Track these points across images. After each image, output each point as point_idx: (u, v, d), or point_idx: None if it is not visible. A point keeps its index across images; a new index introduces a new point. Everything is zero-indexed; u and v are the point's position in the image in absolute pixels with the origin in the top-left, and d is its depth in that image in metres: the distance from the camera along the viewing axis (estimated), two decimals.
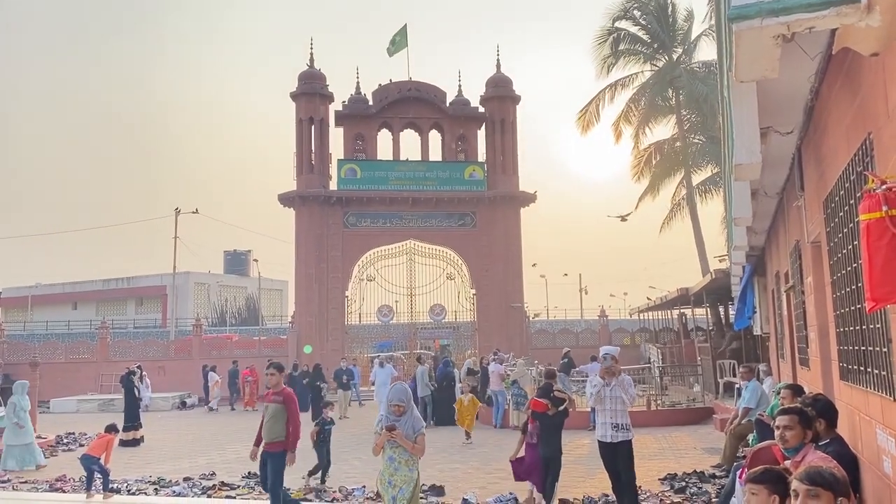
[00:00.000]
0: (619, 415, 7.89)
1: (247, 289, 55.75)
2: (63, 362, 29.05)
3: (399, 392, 6.03)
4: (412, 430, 5.90)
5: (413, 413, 6.01)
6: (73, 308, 54.58)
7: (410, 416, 5.96)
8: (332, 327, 29.49)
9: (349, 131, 31.15)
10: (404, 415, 5.92)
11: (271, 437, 7.99)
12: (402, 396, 5.99)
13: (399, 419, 5.89)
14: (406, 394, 6.05)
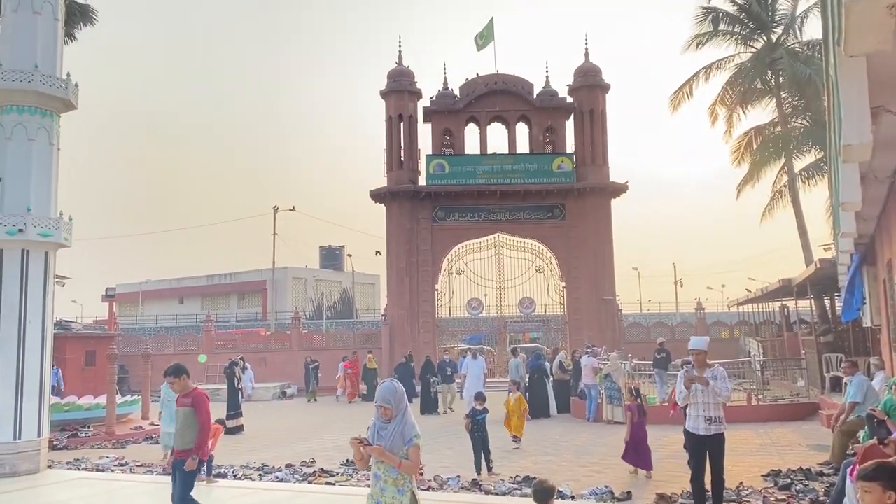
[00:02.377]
0: (712, 407, 7.65)
1: (341, 283, 57.21)
2: (172, 354, 30.66)
3: (387, 391, 4.74)
4: (401, 439, 4.63)
5: (405, 418, 4.70)
6: (179, 303, 57.56)
7: (401, 421, 4.67)
8: (423, 320, 29.89)
9: (437, 127, 31.44)
10: (392, 420, 4.67)
11: (183, 444, 7.12)
12: (390, 396, 4.69)
13: (386, 424, 4.68)
14: (395, 393, 4.72)
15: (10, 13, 12.47)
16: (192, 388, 7.32)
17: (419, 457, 4.75)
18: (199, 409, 7.13)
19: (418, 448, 4.68)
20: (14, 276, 11.73)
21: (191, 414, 7.10)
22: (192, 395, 7.22)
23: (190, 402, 7.15)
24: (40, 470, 11.76)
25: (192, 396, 7.19)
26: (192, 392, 7.25)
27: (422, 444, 4.74)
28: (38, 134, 12.18)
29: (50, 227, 11.97)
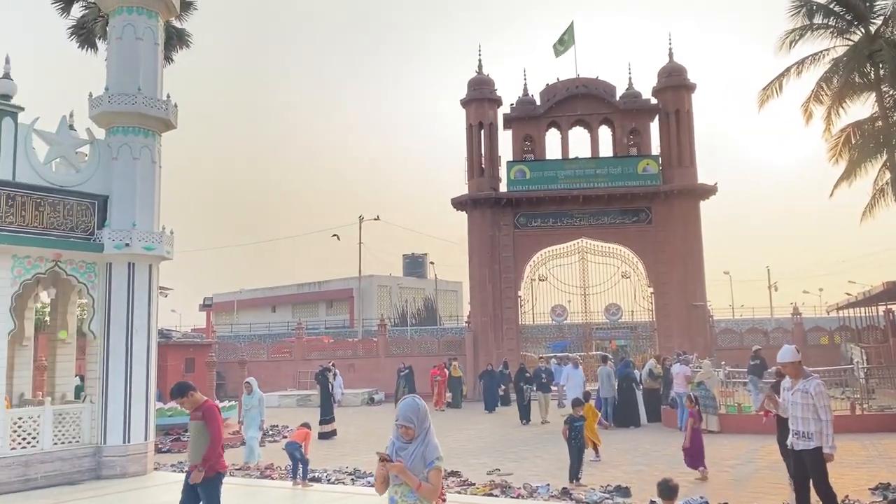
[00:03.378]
0: (801, 422, 7.23)
1: (424, 290, 57.83)
2: (266, 360, 31.79)
3: (409, 408, 4.40)
4: (422, 461, 4.32)
5: (427, 439, 4.37)
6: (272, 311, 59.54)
7: (422, 442, 4.35)
8: (507, 327, 29.82)
9: (517, 133, 31.39)
10: (414, 440, 4.37)
11: (197, 459, 6.97)
12: (412, 414, 4.37)
13: (407, 445, 4.37)
14: (419, 411, 4.40)
15: (115, 40, 13.29)
16: (203, 401, 7.17)
17: (440, 481, 4.38)
18: (210, 421, 6.99)
19: (440, 471, 4.36)
20: (121, 287, 12.45)
21: (202, 427, 6.98)
22: (203, 408, 7.09)
23: (201, 415, 7.03)
24: (147, 472, 12.41)
25: (202, 409, 7.07)
26: (203, 405, 7.11)
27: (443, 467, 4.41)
28: (141, 153, 12.91)
29: (153, 240, 12.65)
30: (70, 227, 12.13)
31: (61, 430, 11.89)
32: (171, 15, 14.33)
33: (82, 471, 11.91)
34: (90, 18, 21.37)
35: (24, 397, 13.66)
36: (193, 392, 7.15)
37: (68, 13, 21.33)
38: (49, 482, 11.45)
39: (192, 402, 7.11)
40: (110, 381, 12.25)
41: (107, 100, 12.68)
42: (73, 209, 12.23)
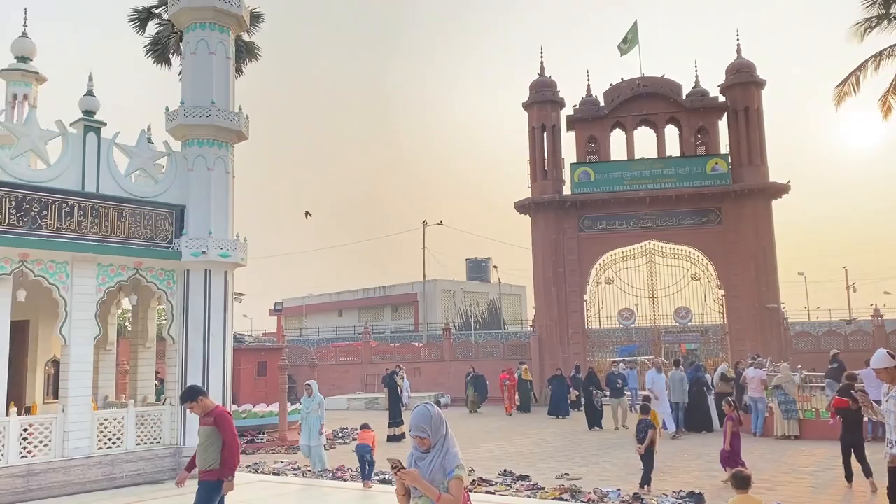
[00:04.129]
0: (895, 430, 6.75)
1: (488, 294, 57.81)
2: (334, 364, 32.37)
3: (421, 417, 4.13)
4: (441, 470, 4.05)
5: (445, 447, 4.10)
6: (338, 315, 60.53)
7: (440, 451, 4.09)
8: (573, 331, 29.54)
9: (581, 134, 31.10)
10: (431, 449, 4.11)
11: (205, 464, 6.86)
12: (425, 423, 4.10)
13: (425, 455, 4.12)
14: (431, 419, 4.11)
15: (190, 55, 13.80)
16: (213, 407, 7.06)
17: (461, 491, 4.04)
18: (223, 427, 6.88)
19: (461, 481, 4.04)
20: (198, 293, 12.92)
21: (213, 433, 6.86)
22: (214, 413, 6.97)
23: (212, 420, 6.91)
24: None
25: (213, 415, 6.95)
26: (213, 411, 6.99)
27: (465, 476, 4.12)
28: (215, 164, 13.38)
29: (228, 248, 13.08)
30: (150, 236, 12.66)
31: (143, 431, 12.40)
32: (241, 29, 14.80)
33: (163, 470, 12.39)
34: (164, 35, 22.19)
35: (109, 399, 14.30)
36: (203, 397, 7.05)
37: (144, 31, 22.18)
38: (133, 481, 11.96)
39: (202, 408, 7.00)
40: (189, 383, 12.70)
41: (182, 113, 13.20)
42: (153, 219, 12.76)
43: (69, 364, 11.62)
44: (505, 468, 12.79)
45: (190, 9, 13.48)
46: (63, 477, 11.22)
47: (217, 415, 6.93)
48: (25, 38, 16.88)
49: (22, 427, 11.06)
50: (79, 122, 12.31)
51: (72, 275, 11.67)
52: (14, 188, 11.16)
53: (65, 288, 11.60)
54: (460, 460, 4.11)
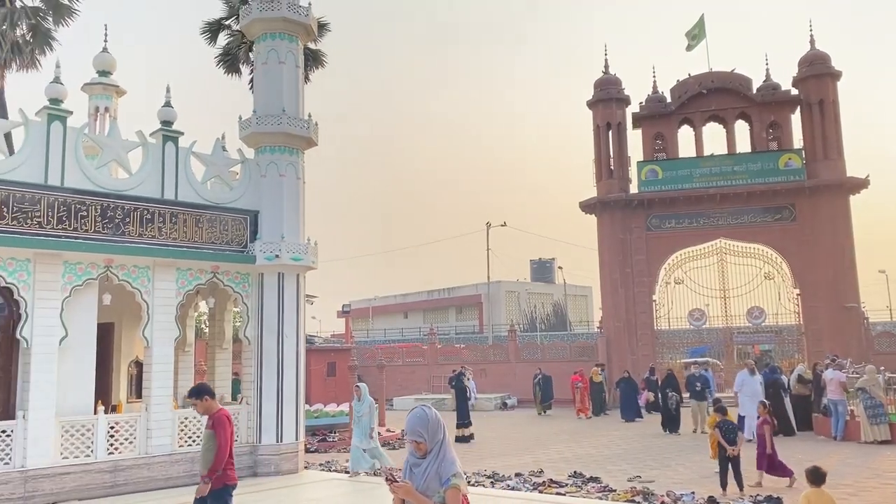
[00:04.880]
0: None
1: (553, 295, 57.40)
2: (401, 365, 32.72)
3: (417, 420, 3.85)
4: (437, 478, 3.77)
5: (441, 453, 3.81)
6: (404, 317, 61.14)
7: (436, 457, 3.80)
8: (641, 332, 29.05)
9: (647, 132, 30.59)
10: (427, 455, 3.82)
11: (204, 469, 6.79)
12: (420, 427, 3.81)
13: (420, 461, 3.84)
14: (428, 423, 3.82)
15: (261, 65, 14.21)
16: (215, 410, 6.89)
17: (459, 501, 3.73)
18: (218, 430, 6.71)
19: (458, 490, 3.73)
20: (272, 296, 13.29)
21: (211, 437, 6.73)
22: (213, 417, 6.82)
23: (211, 423, 6.80)
24: (298, 470, 13.14)
25: (213, 419, 6.81)
26: (214, 414, 6.85)
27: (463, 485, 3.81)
28: (287, 170, 13.74)
29: (300, 251, 13.42)
30: (226, 241, 13.10)
31: None
32: (309, 38, 15.15)
33: (241, 468, 12.65)
34: (234, 45, 22.84)
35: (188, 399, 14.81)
36: (209, 398, 6.91)
37: (215, 42, 22.88)
38: None
39: (204, 408, 6.88)
40: (264, 384, 13.10)
41: (255, 121, 13.61)
42: (228, 224, 13.19)
43: (151, 364, 12.12)
44: (575, 470, 12.72)
45: (261, 20, 13.88)
46: (147, 473, 11.71)
47: (216, 419, 6.79)
48: (106, 53, 17.66)
49: (109, 425, 11.59)
50: (158, 133, 12.84)
51: (153, 279, 12.17)
52: (99, 196, 11.71)
53: (147, 292, 12.10)
54: (458, 468, 3.80)
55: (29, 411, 10.71)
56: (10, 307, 11.24)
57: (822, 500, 6.68)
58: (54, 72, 12.21)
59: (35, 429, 10.71)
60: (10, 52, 18.17)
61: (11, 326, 11.13)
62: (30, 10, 19.07)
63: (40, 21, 19.23)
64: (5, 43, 17.94)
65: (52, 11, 19.39)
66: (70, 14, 19.52)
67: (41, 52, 19.27)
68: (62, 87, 11.96)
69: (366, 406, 13.21)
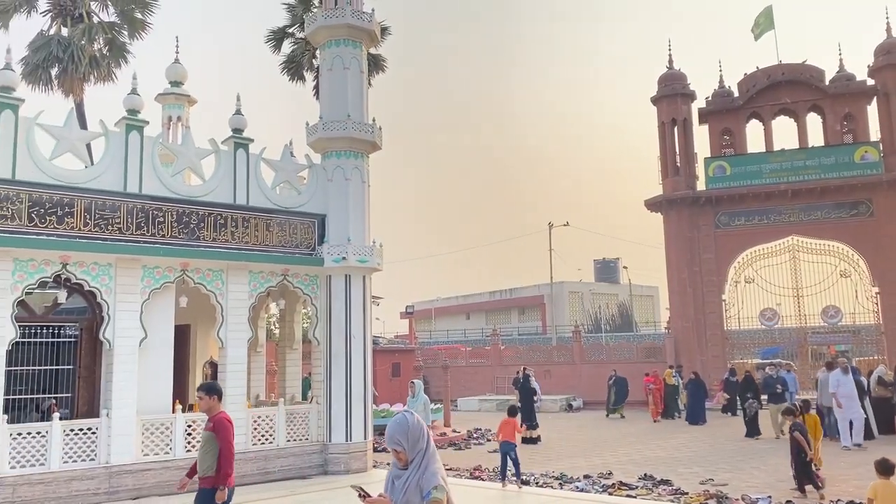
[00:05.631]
0: None
1: (618, 296, 56.62)
2: (464, 366, 32.79)
3: (396, 428, 3.56)
4: (417, 491, 3.51)
5: (424, 463, 3.53)
6: (466, 318, 61.28)
7: (417, 468, 3.52)
8: (711, 333, 28.35)
9: (714, 127, 29.87)
10: (409, 465, 3.55)
11: (202, 470, 6.70)
12: (400, 435, 3.54)
13: (403, 472, 3.58)
14: (408, 430, 3.54)
15: (326, 71, 14.50)
16: (217, 411, 6.83)
17: None
18: (219, 434, 6.64)
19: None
20: (340, 297, 13.54)
21: (211, 439, 6.68)
22: (214, 419, 6.76)
23: (212, 426, 6.74)
24: (367, 469, 13.34)
25: (213, 421, 6.76)
26: (215, 416, 6.79)
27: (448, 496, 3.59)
28: (352, 174, 13.98)
29: (366, 254, 13.62)
30: (295, 244, 13.41)
31: (293, 428, 13.13)
32: (373, 44, 15.36)
33: (311, 466, 13.06)
34: (298, 53, 23.31)
35: (260, 398, 15.23)
36: (215, 397, 6.85)
37: (279, 50, 23.42)
38: (284, 475, 12.68)
39: (208, 406, 6.82)
40: (333, 383, 13.35)
41: (321, 127, 13.89)
42: (297, 228, 13.50)
43: (226, 365, 12.50)
44: (645, 472, 12.53)
45: (325, 27, 14.15)
46: None
47: (216, 421, 6.72)
48: (178, 64, 18.27)
49: (186, 423, 12.00)
50: (229, 140, 13.25)
51: (227, 282, 12.55)
52: (175, 203, 12.15)
53: (221, 294, 12.49)
54: (440, 480, 3.50)
55: (112, 410, 11.18)
56: (94, 310, 11.78)
57: (888, 490, 6.79)
58: (131, 83, 12.72)
59: (118, 426, 11.18)
60: (88, 66, 19.02)
61: (95, 328, 11.65)
62: (106, 25, 19.95)
63: (116, 35, 20.10)
64: (84, 57, 18.79)
65: (126, 25, 20.25)
66: (144, 27, 20.35)
67: (117, 65, 20.14)
68: (139, 98, 12.45)
69: (419, 403, 13.04)
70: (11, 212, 10.58)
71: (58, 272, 10.98)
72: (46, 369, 11.62)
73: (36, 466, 10.47)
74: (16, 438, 10.43)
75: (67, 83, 19.02)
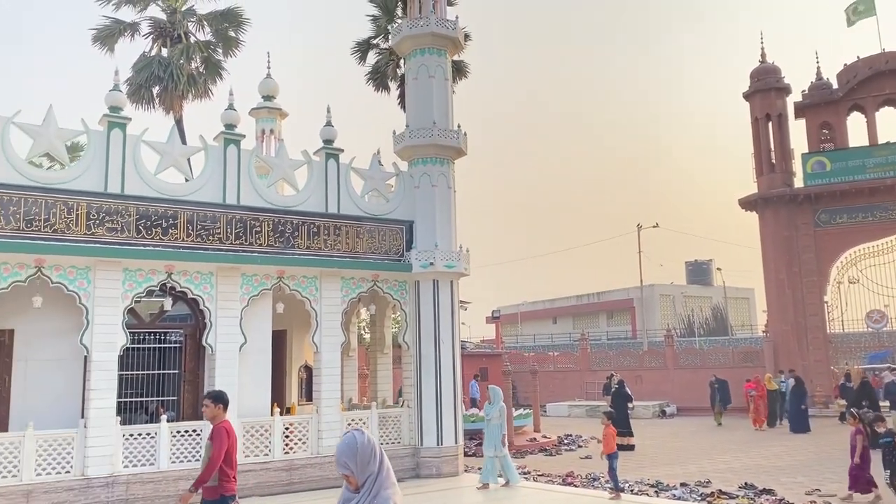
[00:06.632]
0: None
1: (711, 298, 54.77)
2: (552, 371, 32.50)
3: (343, 449, 3.16)
4: None
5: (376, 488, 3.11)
6: (553, 322, 60.67)
7: (368, 493, 3.12)
8: (812, 336, 27.03)
9: (812, 121, 28.55)
10: (360, 489, 3.13)
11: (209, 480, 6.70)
12: (346, 457, 3.14)
13: (354, 495, 3.17)
14: (356, 453, 3.13)
15: (412, 80, 14.71)
16: (220, 421, 6.72)
17: None
18: (215, 443, 6.59)
19: None
20: (428, 303, 13.68)
21: (209, 448, 6.68)
22: (214, 428, 6.71)
23: (211, 434, 6.73)
24: (458, 473, 13.40)
25: (214, 429, 6.71)
26: (216, 426, 6.70)
27: None
28: (438, 180, 14.12)
29: (453, 259, 13.73)
30: (384, 250, 13.65)
31: (385, 431, 13.35)
32: (457, 51, 15.49)
33: (404, 469, 13.21)
34: (383, 63, 23.74)
35: (352, 402, 15.56)
36: (221, 405, 6.75)
37: (365, 61, 23.92)
38: None
39: (212, 414, 6.75)
40: (423, 387, 13.50)
41: (408, 135, 14.10)
42: (386, 235, 13.75)
43: (321, 369, 12.84)
44: (745, 481, 12.08)
45: (411, 37, 14.37)
46: (319, 472, 12.38)
47: (215, 430, 6.69)
48: (270, 79, 18.93)
49: (284, 426, 12.40)
50: (320, 151, 13.63)
51: (320, 288, 12.91)
52: (271, 213, 12.60)
53: (315, 300, 12.85)
54: None
55: None
56: (197, 317, 12.34)
57: None
58: (228, 99, 13.28)
59: None
60: (186, 84, 20.00)
61: (198, 334, 12.20)
62: (202, 44, 20.93)
63: (211, 53, 21.06)
64: (182, 75, 19.77)
65: (221, 44, 21.19)
66: (237, 45, 21.23)
67: (212, 82, 21.09)
68: (236, 113, 12.99)
69: (495, 410, 12.37)
70: (121, 224, 11.22)
71: (163, 281, 11.57)
72: (154, 373, 12.27)
73: (146, 466, 11.04)
74: (128, 439, 11.03)
75: (168, 101, 20.07)
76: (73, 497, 10.41)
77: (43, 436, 10.40)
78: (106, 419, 10.81)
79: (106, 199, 11.17)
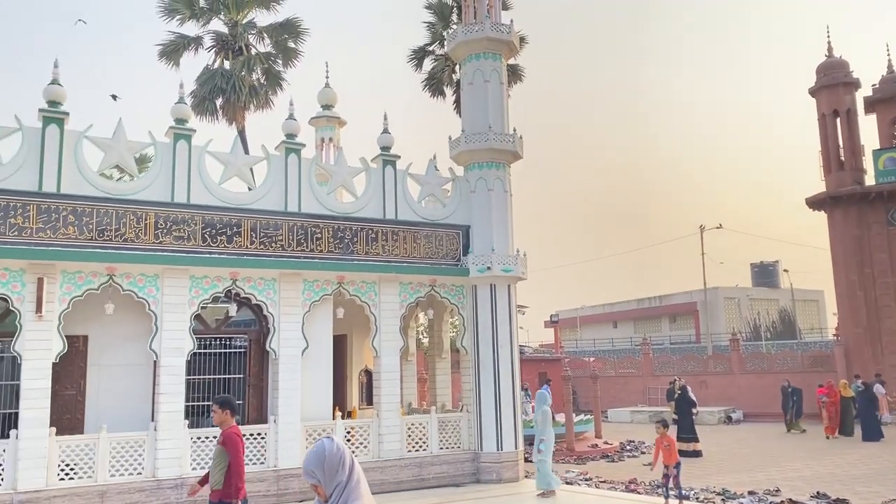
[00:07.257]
0: None
1: (778, 301, 53.04)
2: (613, 376, 32.03)
3: (310, 459, 2.97)
4: None
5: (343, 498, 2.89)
6: (613, 326, 59.69)
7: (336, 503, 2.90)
8: (887, 339, 25.93)
9: (883, 117, 27.45)
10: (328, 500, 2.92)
11: (212, 484, 6.68)
12: (314, 466, 2.94)
13: None
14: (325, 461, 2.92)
15: (467, 85, 14.73)
16: (230, 426, 6.76)
17: None
18: (229, 449, 6.59)
19: None
20: (485, 307, 13.67)
21: (221, 453, 6.65)
22: (224, 434, 6.71)
23: (222, 440, 6.70)
24: (519, 479, 13.30)
25: (224, 435, 6.71)
26: (226, 430, 6.73)
27: None
28: (494, 184, 14.10)
29: (510, 263, 13.68)
30: (441, 255, 13.70)
31: (444, 436, 13.38)
32: (512, 55, 15.44)
33: (464, 474, 13.23)
34: (438, 69, 23.88)
35: (412, 406, 15.64)
36: (230, 411, 6.80)
37: (421, 68, 24.09)
38: (437, 482, 12.92)
39: (221, 419, 6.80)
40: (482, 391, 13.47)
41: (463, 140, 14.13)
42: (443, 239, 13.80)
43: (381, 373, 12.97)
44: (818, 490, 11.66)
45: (465, 42, 14.40)
46: (380, 476, 12.48)
47: (226, 435, 6.70)
48: (328, 88, 19.21)
49: (345, 429, 12.56)
50: (378, 158, 13.78)
51: (379, 293, 13.04)
52: (330, 219, 12.80)
53: (374, 305, 12.99)
54: None
55: (279, 416, 11.90)
56: (261, 322, 12.62)
57: None
58: (289, 109, 13.56)
59: (284, 432, 11.88)
60: (248, 95, 20.49)
61: (262, 339, 12.48)
62: (263, 56, 21.42)
63: (272, 65, 21.53)
64: (244, 87, 20.27)
65: (281, 55, 21.64)
66: (296, 56, 21.65)
67: (273, 93, 21.55)
68: (296, 122, 13.25)
69: (538, 414, 12.16)
70: (187, 233, 11.57)
71: (228, 287, 11.87)
72: (219, 378, 12.60)
73: None
74: (195, 442, 11.34)
75: (230, 112, 20.60)
76: (144, 498, 10.75)
77: (116, 438, 10.79)
78: (175, 422, 11.15)
79: (173, 209, 11.53)
